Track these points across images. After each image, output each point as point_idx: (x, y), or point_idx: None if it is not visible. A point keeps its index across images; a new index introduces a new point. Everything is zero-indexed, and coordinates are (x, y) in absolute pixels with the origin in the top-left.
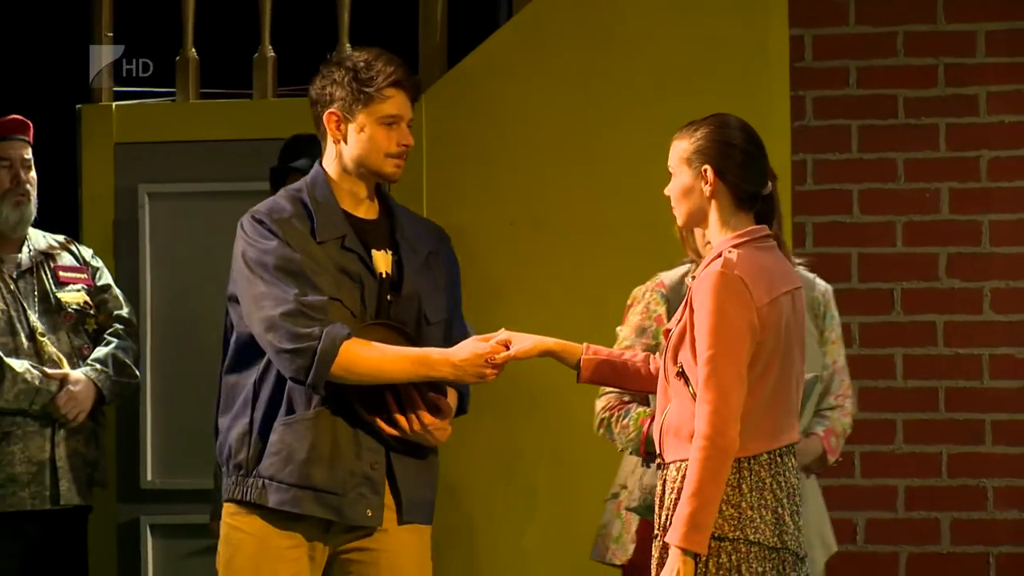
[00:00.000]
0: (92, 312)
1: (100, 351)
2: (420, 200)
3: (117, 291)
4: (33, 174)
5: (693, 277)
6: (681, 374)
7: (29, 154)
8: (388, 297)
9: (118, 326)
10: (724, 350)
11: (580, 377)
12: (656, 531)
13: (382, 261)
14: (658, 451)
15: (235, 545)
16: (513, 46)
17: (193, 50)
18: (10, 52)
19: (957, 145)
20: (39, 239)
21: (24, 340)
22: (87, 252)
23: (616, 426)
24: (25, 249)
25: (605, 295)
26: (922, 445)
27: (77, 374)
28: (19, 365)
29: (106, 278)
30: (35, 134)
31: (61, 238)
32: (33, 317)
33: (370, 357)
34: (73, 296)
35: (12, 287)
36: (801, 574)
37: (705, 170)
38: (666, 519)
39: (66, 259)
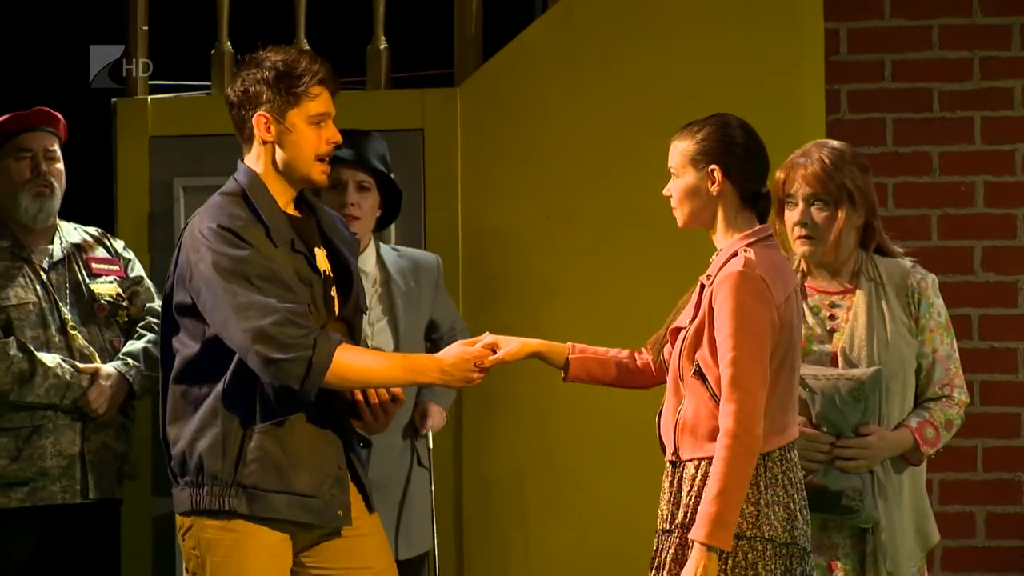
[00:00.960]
0: (124, 304)
1: (132, 345)
2: (455, 194)
3: (149, 283)
4: (58, 166)
5: (709, 276)
6: (698, 373)
7: (54, 146)
8: (332, 294)
9: (150, 319)
10: (749, 349)
11: (567, 376)
12: (664, 525)
13: (321, 259)
14: (672, 448)
15: (228, 546)
16: (548, 40)
17: (228, 44)
18: (47, 45)
19: (992, 138)
20: (70, 231)
21: (55, 333)
22: (119, 244)
23: None
24: (57, 241)
25: (639, 290)
26: (958, 439)
27: (108, 368)
28: (50, 360)
29: (138, 270)
30: (70, 127)
31: (93, 230)
32: (64, 310)
33: (361, 364)
34: (106, 288)
35: (44, 279)
36: (807, 567)
37: (712, 170)
38: (685, 515)
39: (99, 251)
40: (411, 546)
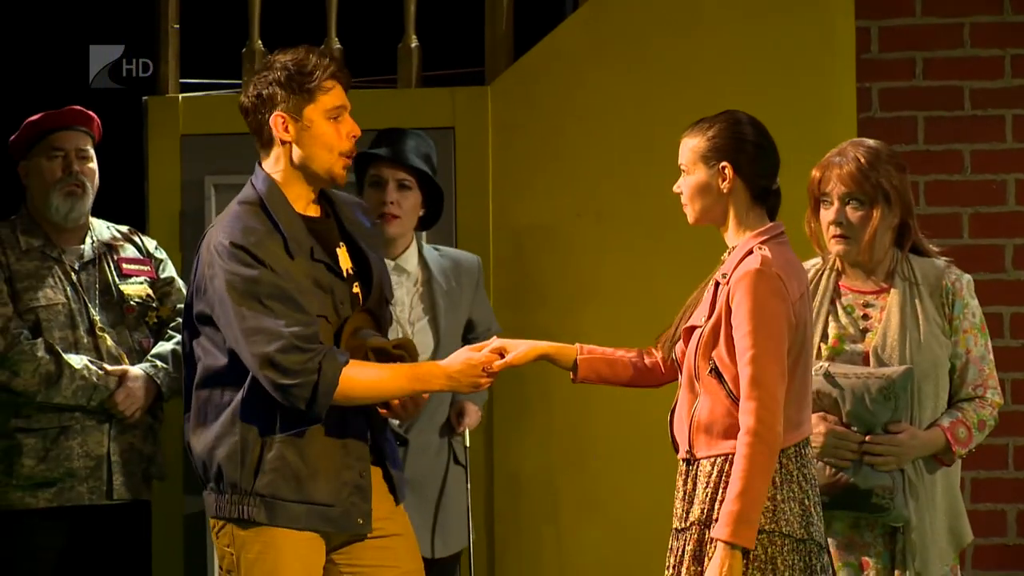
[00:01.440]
0: (154, 305)
1: (161, 346)
2: (486, 192)
3: (180, 284)
4: (91, 165)
5: (724, 275)
6: (714, 371)
7: (87, 145)
8: (356, 291)
9: (180, 320)
10: (767, 347)
11: (576, 377)
12: (679, 524)
13: (343, 258)
14: (687, 447)
15: (264, 542)
16: (579, 38)
17: (259, 42)
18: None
19: None
20: (102, 230)
21: (84, 334)
22: (151, 244)
23: None
24: (88, 240)
25: (670, 287)
26: (989, 437)
27: (136, 370)
28: (77, 361)
29: (170, 271)
30: (102, 125)
31: (125, 229)
32: (94, 311)
33: (366, 381)
34: (135, 289)
35: (74, 279)
36: (824, 562)
37: (724, 167)
38: (701, 512)
39: (129, 251)
40: (447, 544)
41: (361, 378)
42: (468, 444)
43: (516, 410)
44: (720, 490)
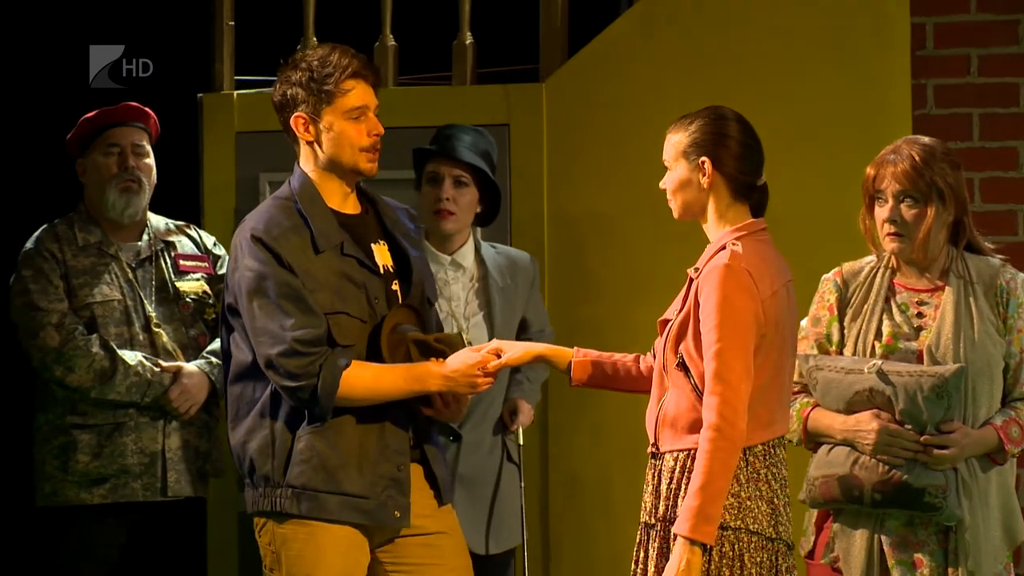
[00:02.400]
0: (211, 302)
1: (216, 343)
2: (540, 188)
3: None
4: (147, 161)
5: (697, 269)
6: (681, 365)
7: (143, 141)
8: (394, 287)
9: None
10: (733, 342)
11: (571, 380)
12: (646, 518)
13: (381, 254)
14: (653, 440)
15: (303, 540)
16: (634, 34)
17: (315, 39)
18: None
19: None
20: (160, 225)
21: (139, 330)
22: (209, 240)
23: None
24: (145, 237)
25: None
26: None
27: (191, 367)
28: (131, 357)
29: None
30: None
31: (183, 224)
32: (149, 307)
33: (365, 382)
34: (192, 285)
35: (130, 276)
36: (790, 563)
37: (703, 162)
38: (666, 509)
39: (187, 247)
40: (499, 542)
41: (360, 380)
42: (522, 442)
43: (571, 409)
44: (682, 486)
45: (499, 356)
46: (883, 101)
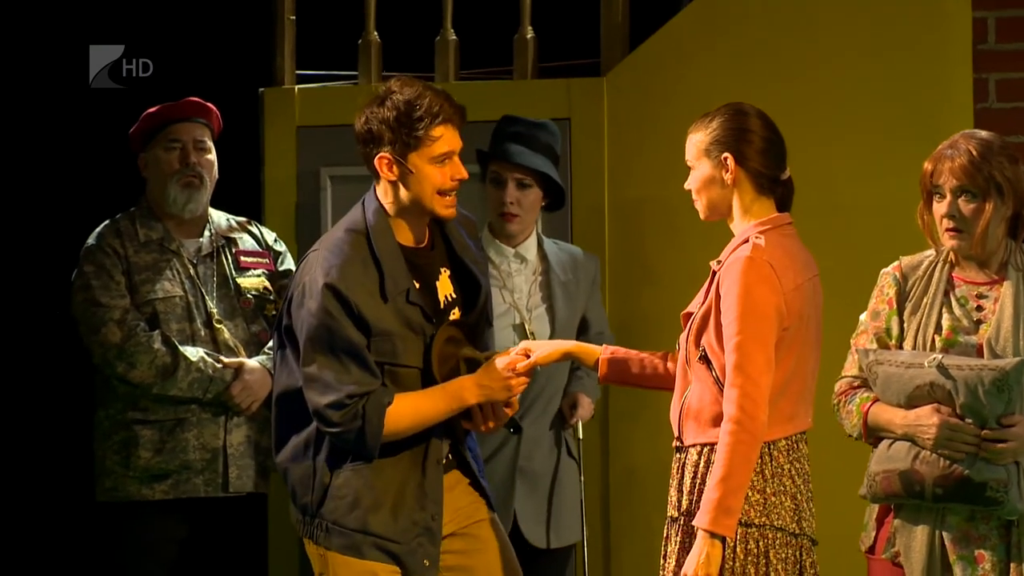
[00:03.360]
0: (272, 298)
1: None
2: (602, 183)
3: None
4: (209, 157)
5: (719, 261)
6: (703, 358)
7: (205, 136)
8: (454, 316)
9: None
10: (753, 335)
11: (600, 377)
12: (672, 512)
13: (443, 286)
14: (677, 433)
15: (342, 566)
16: (695, 28)
17: (375, 33)
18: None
19: None
20: (221, 221)
21: (200, 326)
22: (270, 236)
23: (843, 411)
24: (206, 233)
25: None
26: None
27: (252, 363)
28: (193, 354)
29: (288, 263)
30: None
31: (244, 220)
32: (211, 303)
33: (408, 413)
34: (253, 282)
35: (192, 272)
36: (813, 559)
37: (725, 158)
38: (689, 503)
39: (248, 243)
40: (560, 536)
41: (402, 414)
42: (581, 437)
43: (631, 403)
44: (705, 480)
45: (528, 356)
46: (944, 96)
